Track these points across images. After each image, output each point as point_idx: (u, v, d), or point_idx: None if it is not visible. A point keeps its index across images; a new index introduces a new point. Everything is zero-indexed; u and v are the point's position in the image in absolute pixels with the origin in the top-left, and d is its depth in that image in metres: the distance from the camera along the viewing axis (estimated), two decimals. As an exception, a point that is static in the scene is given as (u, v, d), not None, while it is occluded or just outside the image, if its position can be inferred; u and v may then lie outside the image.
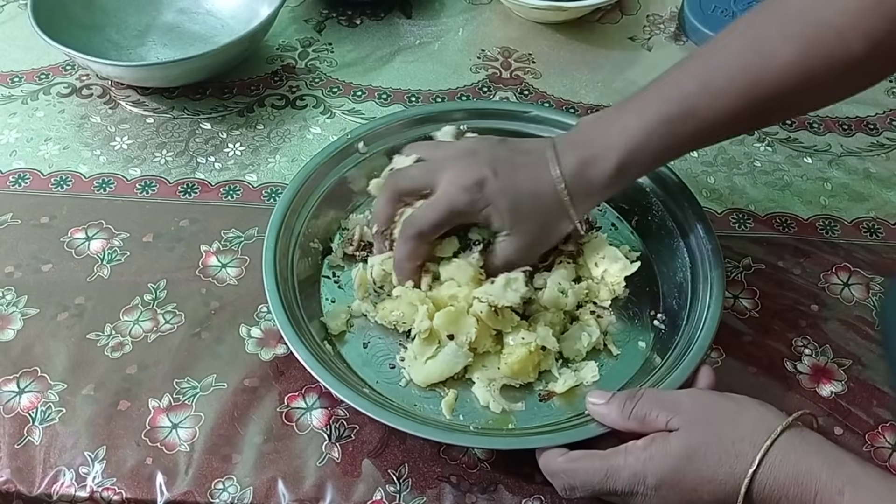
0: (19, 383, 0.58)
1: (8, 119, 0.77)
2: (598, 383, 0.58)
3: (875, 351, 0.62)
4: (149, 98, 0.79)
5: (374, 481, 0.54)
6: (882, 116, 0.81)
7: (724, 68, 0.53)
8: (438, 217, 0.57)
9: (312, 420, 0.57)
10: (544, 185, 0.56)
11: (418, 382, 0.57)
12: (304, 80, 0.82)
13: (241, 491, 0.53)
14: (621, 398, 0.51)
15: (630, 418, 0.50)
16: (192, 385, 0.58)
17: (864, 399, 0.59)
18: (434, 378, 0.57)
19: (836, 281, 0.66)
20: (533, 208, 0.56)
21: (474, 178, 0.56)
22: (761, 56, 0.52)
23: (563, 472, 0.49)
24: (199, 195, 0.71)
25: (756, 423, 0.46)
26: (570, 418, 0.55)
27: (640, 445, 0.48)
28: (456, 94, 0.81)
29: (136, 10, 0.85)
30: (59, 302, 0.63)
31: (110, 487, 0.53)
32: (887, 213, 0.72)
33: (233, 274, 0.65)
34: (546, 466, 0.51)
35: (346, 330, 0.61)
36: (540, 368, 0.58)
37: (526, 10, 0.88)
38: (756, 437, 0.46)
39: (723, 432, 0.46)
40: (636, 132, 0.54)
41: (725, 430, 0.46)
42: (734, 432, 0.46)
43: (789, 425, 0.46)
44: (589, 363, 0.59)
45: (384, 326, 0.60)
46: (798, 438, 0.46)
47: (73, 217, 0.69)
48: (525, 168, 0.56)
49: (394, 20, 0.90)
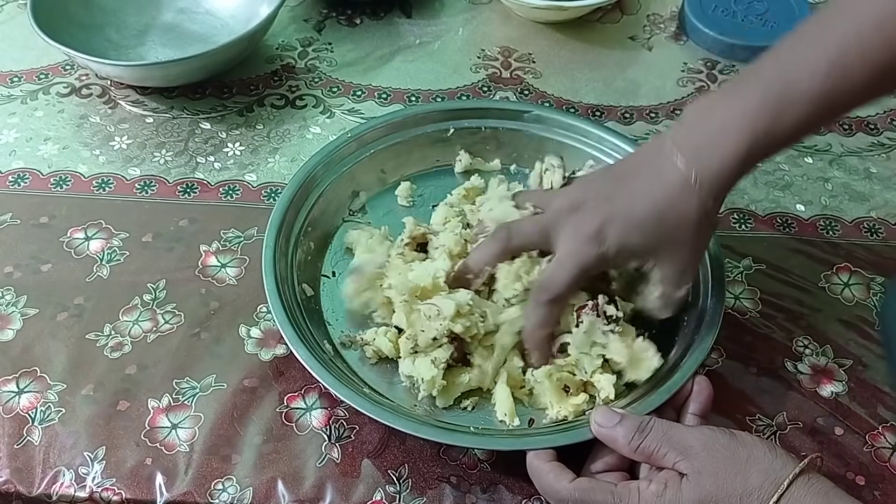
0: (19, 383, 0.58)
1: (7, 119, 0.77)
2: None
3: (875, 351, 0.62)
4: (148, 98, 0.79)
5: (374, 482, 0.54)
6: (883, 116, 0.81)
7: (868, 21, 0.48)
8: (570, 277, 0.54)
9: (312, 420, 0.57)
10: (664, 199, 0.52)
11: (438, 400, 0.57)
12: (304, 80, 0.82)
13: (241, 491, 0.53)
14: (629, 428, 0.49)
15: (636, 452, 0.48)
16: (191, 385, 0.58)
17: (865, 399, 0.59)
18: None
19: (837, 281, 0.66)
20: (663, 230, 0.52)
21: (593, 227, 0.52)
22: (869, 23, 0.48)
23: (571, 499, 0.48)
24: (199, 195, 0.71)
25: (765, 474, 0.45)
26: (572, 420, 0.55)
27: (652, 491, 0.46)
28: (456, 94, 0.81)
29: (135, 9, 0.85)
30: (59, 302, 0.63)
31: (110, 488, 0.53)
32: (888, 213, 0.71)
33: (232, 274, 0.65)
34: (549, 488, 0.49)
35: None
36: None
37: (526, 10, 0.88)
38: (763, 491, 0.45)
39: (732, 485, 0.45)
40: (762, 111, 0.50)
41: (734, 483, 0.45)
42: (743, 485, 0.45)
43: (797, 475, 0.45)
44: (605, 376, 0.56)
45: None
46: (804, 490, 0.45)
47: (73, 217, 0.68)
48: (638, 193, 0.53)
49: (394, 20, 0.90)
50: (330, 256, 0.65)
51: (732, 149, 0.50)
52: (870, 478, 0.55)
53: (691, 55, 0.86)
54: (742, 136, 0.50)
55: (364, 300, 0.61)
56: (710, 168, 0.50)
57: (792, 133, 0.51)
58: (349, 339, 0.60)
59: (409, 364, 0.56)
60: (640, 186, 0.53)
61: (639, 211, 0.52)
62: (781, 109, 0.49)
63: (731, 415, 0.58)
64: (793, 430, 0.57)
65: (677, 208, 0.52)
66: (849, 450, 0.56)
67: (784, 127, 0.50)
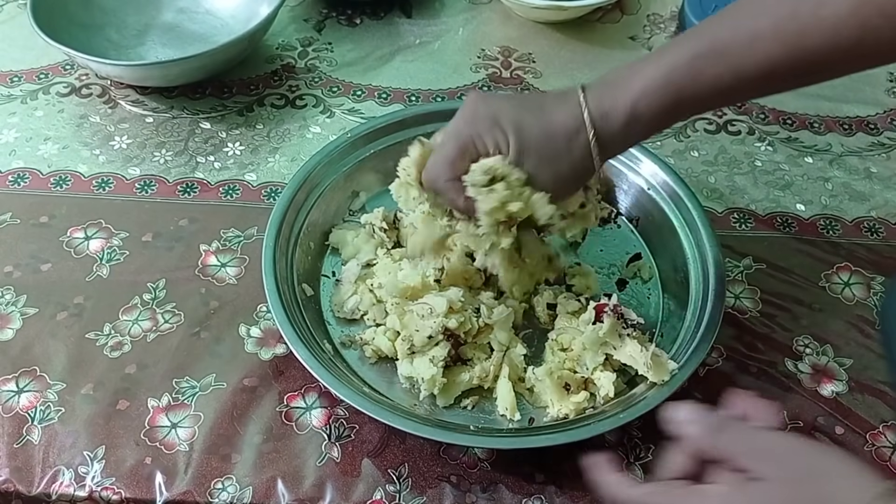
0: (18, 383, 0.58)
1: (7, 118, 0.77)
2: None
3: (876, 350, 0.61)
4: (148, 97, 0.79)
5: (374, 481, 0.54)
6: (883, 116, 0.81)
7: (766, 14, 0.48)
8: (449, 154, 0.53)
9: (312, 420, 0.57)
10: (564, 124, 0.52)
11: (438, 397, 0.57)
12: (304, 80, 0.82)
13: (241, 490, 0.53)
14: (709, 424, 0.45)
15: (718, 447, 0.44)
16: (191, 385, 0.58)
17: (865, 398, 0.59)
18: None
19: (837, 280, 0.66)
20: (546, 140, 0.52)
21: (488, 111, 0.53)
22: (809, 3, 0.47)
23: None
24: (199, 194, 0.71)
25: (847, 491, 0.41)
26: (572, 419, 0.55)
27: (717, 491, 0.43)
28: (456, 94, 0.81)
29: (135, 9, 0.85)
30: (59, 301, 0.63)
31: (109, 487, 0.53)
32: (888, 213, 0.71)
33: (232, 273, 0.65)
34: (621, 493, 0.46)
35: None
36: None
37: (526, 10, 0.88)
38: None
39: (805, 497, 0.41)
40: (655, 70, 0.50)
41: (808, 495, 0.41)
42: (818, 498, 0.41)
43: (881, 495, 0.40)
44: (605, 374, 0.56)
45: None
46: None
47: (73, 216, 0.68)
48: (540, 107, 0.53)
49: (394, 20, 0.90)
50: (330, 256, 0.65)
51: (626, 96, 0.51)
52: (870, 477, 0.55)
53: (691, 55, 0.86)
54: (637, 85, 0.51)
55: (353, 302, 0.61)
56: (601, 108, 0.51)
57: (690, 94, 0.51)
58: (349, 339, 0.60)
59: (407, 366, 0.57)
60: (544, 103, 0.53)
61: (533, 117, 0.53)
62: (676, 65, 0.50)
63: (731, 414, 0.58)
64: (793, 430, 0.57)
65: (566, 129, 0.52)
66: (849, 449, 0.56)
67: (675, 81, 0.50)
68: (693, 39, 0.51)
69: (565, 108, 0.52)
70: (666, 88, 0.50)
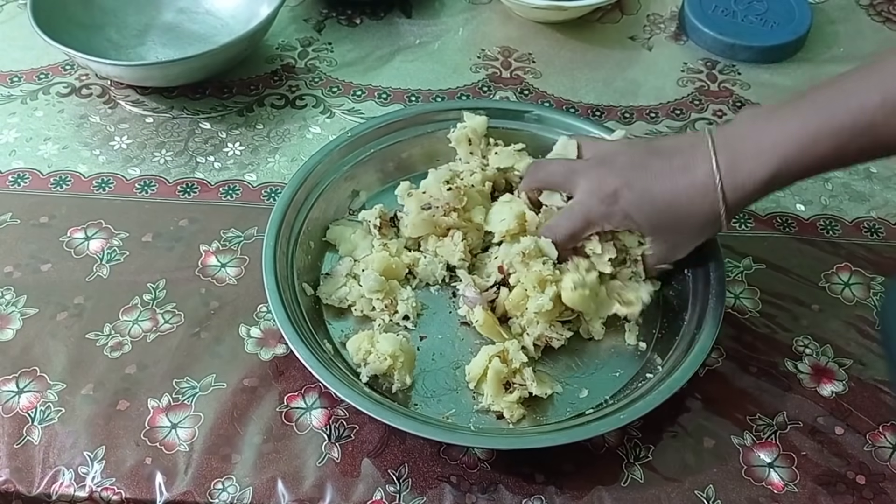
0: (18, 383, 0.58)
1: (7, 119, 0.77)
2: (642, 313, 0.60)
3: (876, 350, 0.61)
4: (148, 98, 0.79)
5: (374, 481, 0.54)
6: (883, 116, 0.81)
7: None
8: (574, 227, 0.58)
9: (312, 420, 0.57)
10: (684, 191, 0.54)
11: None
12: (304, 80, 0.82)
13: (241, 491, 0.53)
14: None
15: None
16: (191, 385, 0.58)
17: (865, 399, 0.59)
18: None
19: (837, 280, 0.66)
20: (671, 217, 0.55)
21: (611, 188, 0.56)
22: None
23: None
24: (199, 195, 0.71)
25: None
26: (570, 418, 0.55)
27: None
28: (456, 94, 0.81)
29: (135, 9, 0.85)
30: (59, 302, 0.63)
31: (109, 487, 0.53)
32: (888, 213, 0.71)
33: (232, 273, 0.65)
34: None
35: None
36: None
37: (526, 10, 0.88)
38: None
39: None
40: (798, 139, 0.51)
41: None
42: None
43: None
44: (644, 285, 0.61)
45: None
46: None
47: (73, 217, 0.68)
48: (664, 175, 0.55)
49: (394, 20, 0.90)
50: (330, 256, 0.65)
51: (762, 171, 0.52)
52: (870, 477, 0.55)
53: (691, 55, 0.86)
54: (774, 160, 0.51)
55: (341, 294, 0.61)
56: (734, 182, 0.53)
57: (823, 163, 0.52)
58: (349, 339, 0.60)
59: None
60: (667, 170, 0.55)
61: (657, 191, 0.55)
62: (818, 138, 0.50)
63: (731, 414, 0.58)
64: (793, 430, 0.57)
65: (692, 204, 0.54)
66: (849, 449, 0.56)
67: (816, 156, 0.51)
68: (837, 114, 0.49)
69: (695, 176, 0.54)
70: (802, 161, 0.51)
